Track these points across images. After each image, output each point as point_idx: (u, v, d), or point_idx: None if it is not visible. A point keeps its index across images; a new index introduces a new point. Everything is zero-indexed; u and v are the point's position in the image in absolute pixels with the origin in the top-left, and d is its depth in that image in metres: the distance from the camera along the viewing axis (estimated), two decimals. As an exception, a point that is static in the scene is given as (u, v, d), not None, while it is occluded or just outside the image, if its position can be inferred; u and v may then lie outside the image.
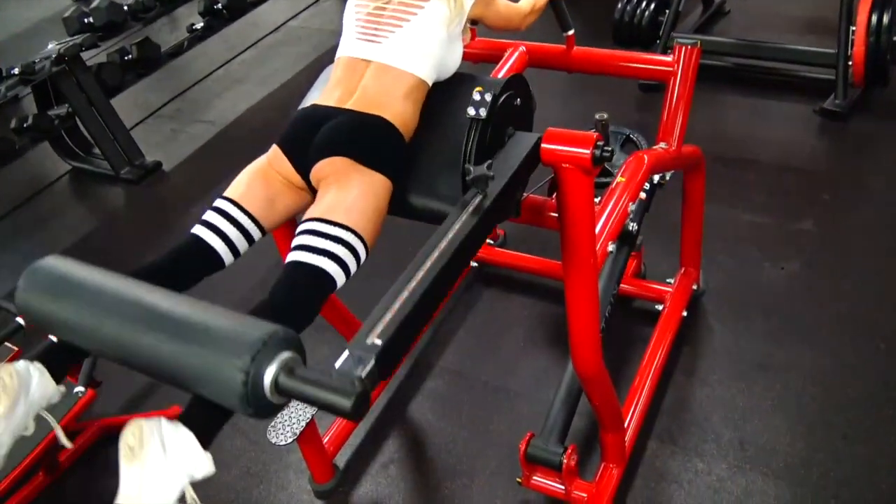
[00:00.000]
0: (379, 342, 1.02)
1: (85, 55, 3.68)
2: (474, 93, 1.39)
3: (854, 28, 3.21)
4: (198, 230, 1.46)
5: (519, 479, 2.04)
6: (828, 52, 3.36)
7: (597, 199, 1.55)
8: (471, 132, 1.40)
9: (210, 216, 1.48)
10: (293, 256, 1.34)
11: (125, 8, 3.84)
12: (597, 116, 1.68)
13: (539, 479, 2.01)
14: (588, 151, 1.27)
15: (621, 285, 2.53)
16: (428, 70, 1.52)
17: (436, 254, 1.18)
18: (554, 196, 1.71)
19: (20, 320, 2.46)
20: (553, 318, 2.67)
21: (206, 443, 1.07)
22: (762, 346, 2.43)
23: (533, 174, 1.46)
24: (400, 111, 1.49)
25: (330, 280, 1.34)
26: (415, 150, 1.54)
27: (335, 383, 0.90)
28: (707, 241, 2.62)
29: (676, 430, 2.24)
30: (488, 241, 2.89)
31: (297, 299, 1.30)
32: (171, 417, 1.10)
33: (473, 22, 1.74)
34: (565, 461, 1.89)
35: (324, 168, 1.45)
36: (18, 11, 6.29)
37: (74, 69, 3.62)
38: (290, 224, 1.69)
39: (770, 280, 2.67)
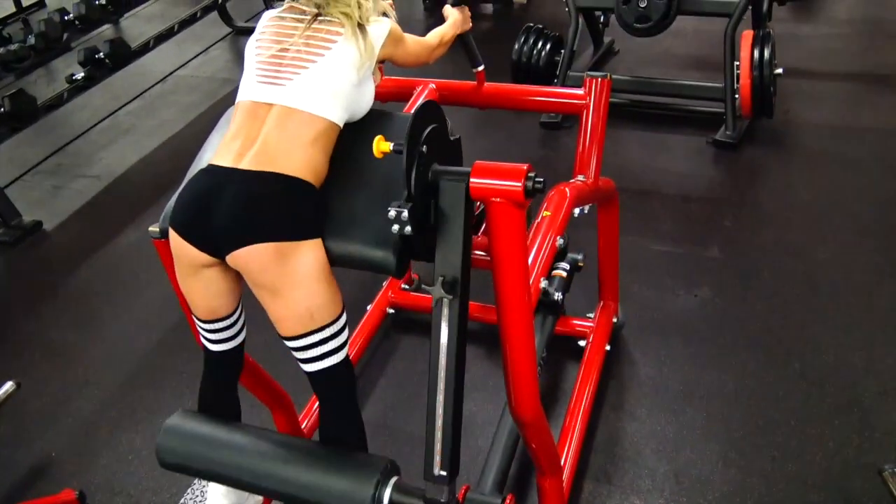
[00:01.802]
0: (444, 473, 1.35)
1: (-50, 109, 3.37)
2: (390, 210, 1.23)
3: (738, 63, 3.37)
4: (206, 345, 1.63)
5: (458, 535, 1.93)
6: (716, 86, 3.52)
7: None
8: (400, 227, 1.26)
9: (203, 333, 1.60)
10: (306, 368, 1.51)
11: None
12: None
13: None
14: (520, 184, 1.21)
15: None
16: (338, 112, 1.43)
17: (443, 375, 1.34)
18: (481, 233, 1.65)
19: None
20: (475, 361, 2.58)
21: None
22: (685, 374, 2.44)
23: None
24: (306, 160, 1.39)
25: (341, 362, 1.51)
26: (331, 196, 1.44)
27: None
28: (621, 273, 2.62)
29: (611, 467, 2.19)
30: (402, 285, 2.79)
31: (342, 399, 1.56)
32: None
33: (382, 61, 1.67)
34: (505, 511, 1.79)
35: (243, 262, 1.36)
36: None
37: (-63, 124, 3.30)
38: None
39: (685, 307, 2.70)
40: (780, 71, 3.37)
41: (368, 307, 2.70)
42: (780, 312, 2.62)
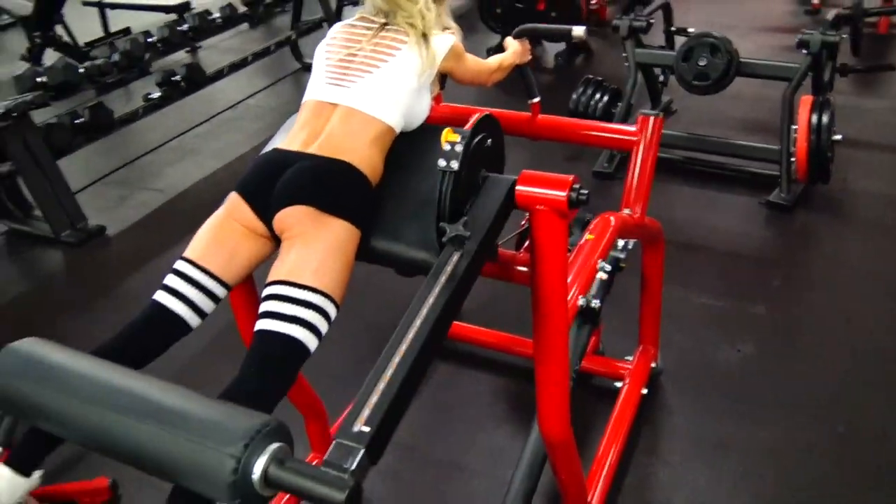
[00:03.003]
0: (367, 429, 1.01)
1: (36, 116, 3.59)
2: (444, 143, 1.35)
3: (795, 127, 3.38)
4: (159, 296, 1.42)
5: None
6: (771, 148, 3.52)
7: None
8: (443, 184, 1.35)
9: (170, 280, 1.43)
10: (261, 324, 1.30)
11: (81, 71, 3.79)
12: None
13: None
14: (564, 194, 1.25)
15: (581, 366, 2.51)
16: (396, 117, 1.50)
17: (417, 323, 1.16)
18: (523, 249, 1.68)
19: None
20: (510, 394, 2.59)
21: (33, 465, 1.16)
22: (721, 426, 2.39)
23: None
24: (366, 156, 1.46)
25: (302, 348, 1.30)
26: (382, 197, 1.50)
27: (327, 476, 0.88)
28: (663, 322, 2.62)
29: (639, 512, 2.15)
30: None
31: (270, 376, 1.28)
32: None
33: (443, 77, 1.75)
34: (527, 538, 1.77)
35: (287, 218, 1.40)
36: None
37: (22, 127, 3.51)
38: (249, 284, 1.62)
39: (727, 361, 2.66)
40: (838, 137, 3.36)
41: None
42: (824, 375, 2.56)
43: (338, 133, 1.47)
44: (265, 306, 1.33)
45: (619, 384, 2.44)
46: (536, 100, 2.06)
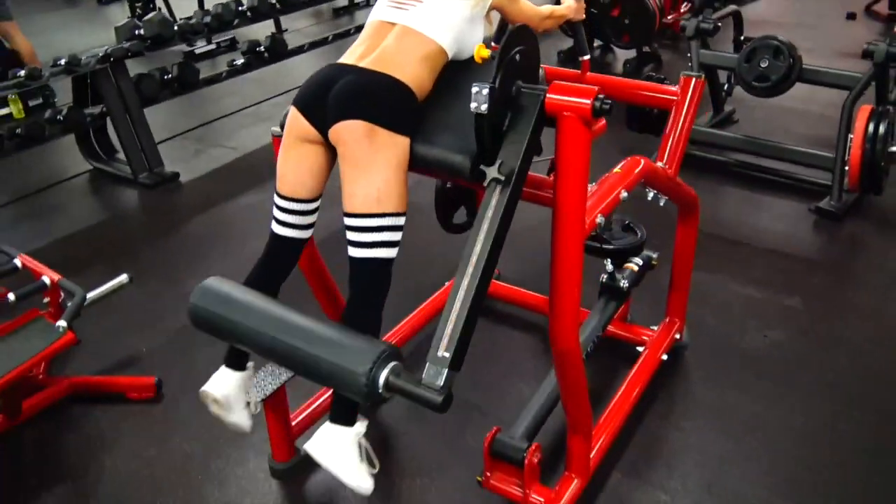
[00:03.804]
0: (447, 354, 1.38)
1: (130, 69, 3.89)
2: (472, 86, 1.43)
3: (852, 136, 3.39)
4: (274, 227, 1.79)
5: (479, 478, 2.02)
6: (826, 155, 3.54)
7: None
8: (478, 126, 1.47)
9: (275, 213, 1.77)
10: (352, 252, 1.63)
11: (175, 27, 4.09)
12: None
13: (498, 480, 1.98)
14: (589, 102, 1.37)
15: (609, 329, 2.60)
16: (448, 41, 1.65)
17: (474, 259, 1.43)
18: (552, 176, 1.80)
19: (17, 262, 2.52)
20: (541, 353, 2.69)
21: (352, 418, 1.61)
22: (739, 401, 2.43)
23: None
24: (416, 73, 1.61)
25: (387, 261, 1.63)
26: (428, 110, 1.65)
27: (427, 386, 1.37)
28: (696, 305, 2.71)
29: (643, 465, 2.22)
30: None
31: (373, 293, 1.64)
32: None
33: (499, 32, 1.89)
34: (527, 457, 1.88)
35: (342, 132, 1.57)
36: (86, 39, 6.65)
37: (116, 72, 3.82)
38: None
39: (753, 344, 2.70)
40: (895, 149, 3.36)
41: (446, 283, 2.88)
42: (850, 366, 2.57)
43: (391, 50, 1.63)
44: (350, 236, 1.62)
45: (640, 349, 2.52)
46: (587, 57, 2.17)
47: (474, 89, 1.38)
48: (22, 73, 3.49)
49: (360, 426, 1.63)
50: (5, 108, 3.88)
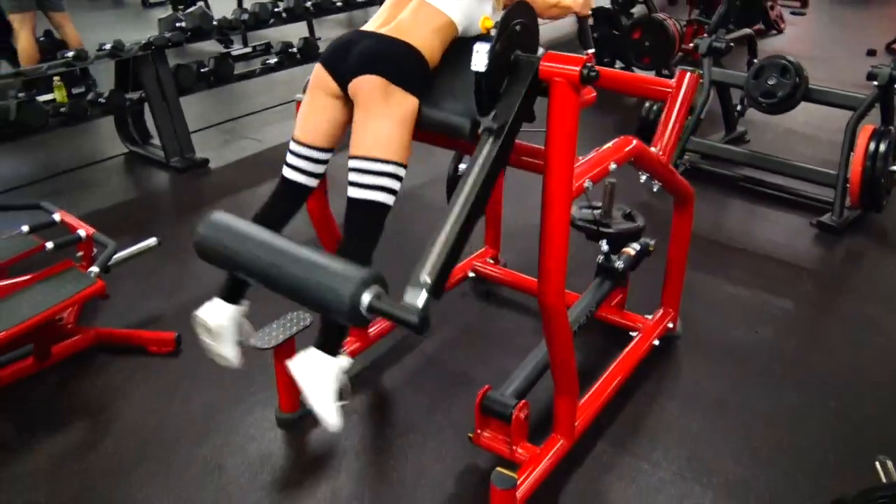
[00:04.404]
0: (429, 280, 1.48)
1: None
2: (475, 46, 1.63)
3: (854, 153, 3.51)
4: (284, 172, 1.92)
5: (470, 435, 2.15)
6: (829, 172, 3.66)
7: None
8: (477, 82, 1.65)
9: (288, 158, 1.91)
10: (351, 193, 1.75)
11: (214, 22, 4.33)
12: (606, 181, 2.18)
13: (488, 436, 2.11)
14: (578, 69, 1.53)
15: (605, 315, 2.74)
16: (458, 15, 1.83)
17: (461, 200, 1.56)
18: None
19: (57, 216, 2.72)
20: (530, 331, 2.82)
21: (335, 347, 1.76)
22: (723, 388, 2.55)
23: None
24: (427, 42, 1.79)
25: (384, 206, 1.76)
26: (436, 78, 1.83)
27: (406, 307, 1.46)
28: (692, 301, 2.85)
29: (629, 438, 2.34)
30: (489, 258, 3.10)
31: (366, 234, 1.76)
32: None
33: None
34: (515, 412, 2.01)
35: (360, 84, 1.75)
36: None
37: (157, 60, 4.06)
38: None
39: (743, 339, 2.81)
40: (895, 168, 3.47)
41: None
42: (835, 364, 2.68)
43: (407, 21, 1.81)
44: (351, 177, 1.74)
45: (634, 334, 2.65)
46: (591, 51, 2.33)
47: (475, 49, 1.54)
48: (70, 53, 3.73)
49: (344, 361, 1.76)
50: (50, 94, 4.15)
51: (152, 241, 2.84)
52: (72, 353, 2.63)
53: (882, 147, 3.42)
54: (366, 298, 1.45)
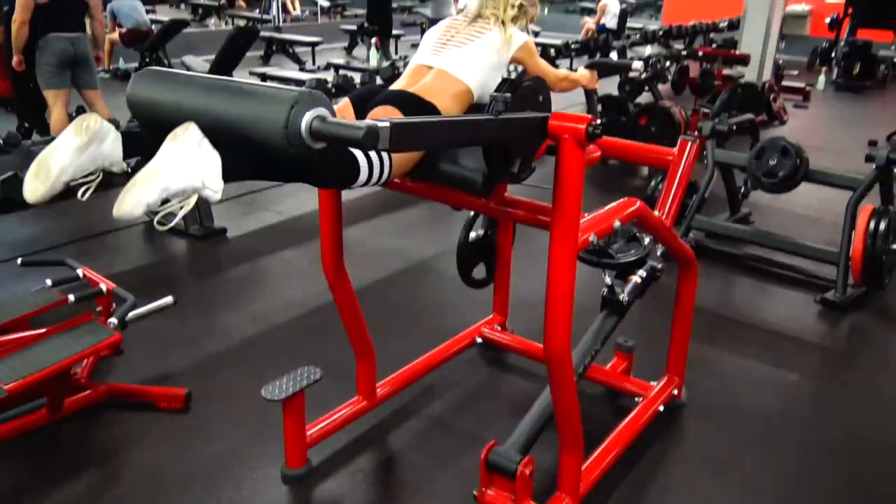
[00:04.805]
0: (389, 123, 1.27)
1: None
2: (490, 96, 1.69)
3: (855, 232, 3.60)
4: None
5: (475, 493, 2.15)
6: (831, 250, 3.73)
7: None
8: (501, 84, 1.74)
9: None
10: None
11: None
12: None
13: (493, 494, 2.11)
14: (584, 127, 1.64)
15: (610, 380, 2.77)
16: (475, 82, 1.96)
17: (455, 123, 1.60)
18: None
19: (80, 272, 2.81)
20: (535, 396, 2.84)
21: (227, 176, 1.34)
22: (729, 454, 2.55)
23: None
24: (447, 105, 1.92)
25: (355, 166, 1.64)
26: None
27: (355, 125, 1.22)
28: (697, 372, 2.90)
29: (634, 500, 2.33)
30: (496, 325, 3.15)
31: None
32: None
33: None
34: (520, 468, 2.02)
35: (377, 112, 1.87)
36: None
37: (183, 133, 4.25)
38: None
39: (750, 407, 2.82)
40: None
41: (459, 332, 3.09)
42: (844, 433, 2.68)
43: (428, 85, 1.95)
44: None
45: (638, 399, 2.67)
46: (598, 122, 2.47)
47: (491, 99, 1.66)
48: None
49: (216, 184, 1.34)
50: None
51: (168, 299, 2.92)
52: (83, 407, 2.67)
53: (882, 226, 3.51)
54: (305, 118, 1.23)
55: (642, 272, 2.47)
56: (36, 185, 1.46)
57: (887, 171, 3.67)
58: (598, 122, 1.66)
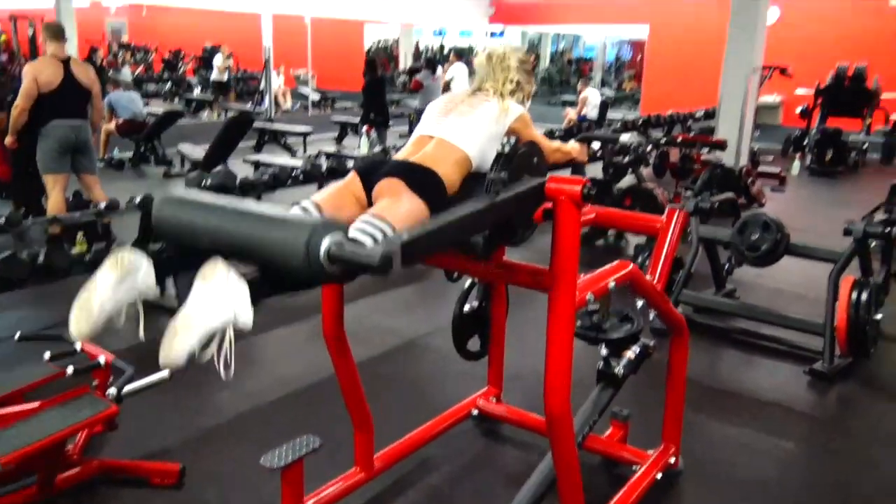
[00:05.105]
0: (405, 237, 1.47)
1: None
2: (489, 174, 1.86)
3: (838, 303, 3.69)
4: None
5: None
6: (817, 321, 3.82)
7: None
8: (496, 160, 1.87)
9: (295, 209, 1.97)
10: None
11: (237, 182, 4.68)
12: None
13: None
14: (579, 188, 1.74)
15: (607, 450, 2.78)
16: (474, 151, 2.07)
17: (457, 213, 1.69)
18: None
19: (78, 346, 2.82)
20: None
21: (252, 299, 1.50)
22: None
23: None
24: (448, 172, 2.02)
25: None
26: (453, 204, 2.03)
27: (370, 250, 1.39)
28: (692, 441, 2.92)
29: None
30: (491, 397, 3.17)
31: None
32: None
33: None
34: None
35: (382, 185, 1.96)
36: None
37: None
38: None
39: (746, 475, 2.83)
40: (879, 316, 3.63)
41: (456, 405, 3.10)
42: (840, 499, 2.69)
43: (430, 153, 2.05)
44: (353, 224, 1.74)
45: (636, 468, 2.67)
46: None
47: (490, 176, 1.75)
48: (103, 204, 4.01)
49: (247, 314, 1.50)
50: (73, 248, 4.40)
51: (164, 373, 2.91)
52: (75, 484, 2.62)
53: (864, 296, 3.60)
54: (324, 244, 1.35)
55: (635, 348, 2.59)
56: (80, 325, 1.62)
57: (865, 245, 3.80)
58: (591, 184, 1.76)
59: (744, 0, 7.41)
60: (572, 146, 2.49)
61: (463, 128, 2.09)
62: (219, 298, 1.44)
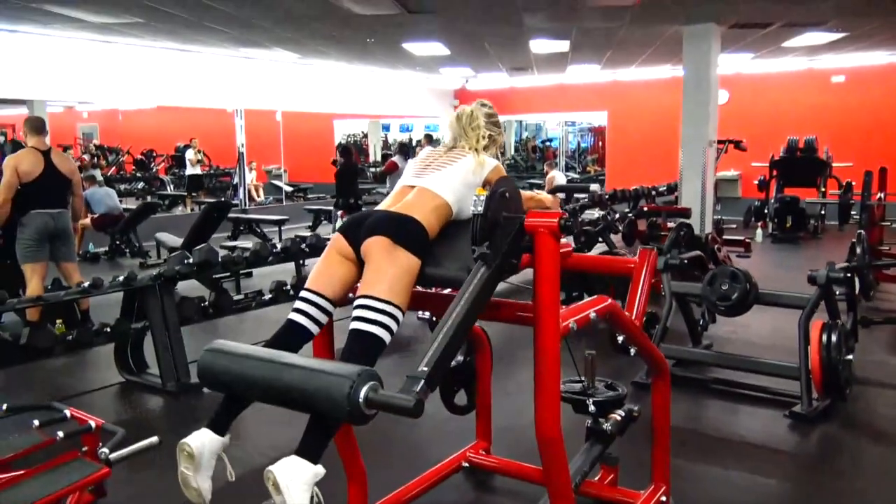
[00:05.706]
0: (426, 369, 1.71)
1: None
2: (475, 196, 1.97)
3: (810, 346, 3.82)
4: (291, 315, 2.14)
5: None
6: (792, 365, 3.93)
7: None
8: (474, 221, 1.99)
9: (298, 304, 2.17)
10: (354, 325, 1.96)
11: (219, 258, 4.76)
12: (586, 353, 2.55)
13: None
14: (556, 221, 1.87)
15: (600, 492, 2.82)
16: (452, 198, 2.22)
17: (458, 309, 1.83)
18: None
19: (67, 413, 2.83)
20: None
21: (317, 457, 1.81)
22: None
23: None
24: (428, 217, 2.15)
25: (381, 342, 1.98)
26: (435, 247, 2.16)
27: (402, 395, 1.65)
28: (680, 484, 2.97)
29: None
30: (481, 450, 3.19)
31: (362, 362, 1.88)
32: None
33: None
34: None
35: (370, 244, 2.09)
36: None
37: (163, 291, 4.39)
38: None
39: (736, 513, 2.87)
40: (850, 357, 3.76)
41: (446, 459, 3.12)
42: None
43: (411, 201, 2.19)
44: (357, 312, 1.98)
45: (629, 507, 2.70)
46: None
47: (474, 200, 1.88)
48: (87, 283, 4.06)
49: (320, 469, 1.81)
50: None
51: (154, 439, 2.91)
52: (66, 550, 2.57)
53: (833, 337, 3.74)
54: (363, 392, 1.60)
55: (621, 412, 2.72)
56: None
57: (829, 289, 3.97)
58: (567, 215, 1.89)
59: (694, 81, 7.89)
60: (545, 196, 2.65)
61: (442, 178, 2.24)
62: (299, 480, 1.76)
